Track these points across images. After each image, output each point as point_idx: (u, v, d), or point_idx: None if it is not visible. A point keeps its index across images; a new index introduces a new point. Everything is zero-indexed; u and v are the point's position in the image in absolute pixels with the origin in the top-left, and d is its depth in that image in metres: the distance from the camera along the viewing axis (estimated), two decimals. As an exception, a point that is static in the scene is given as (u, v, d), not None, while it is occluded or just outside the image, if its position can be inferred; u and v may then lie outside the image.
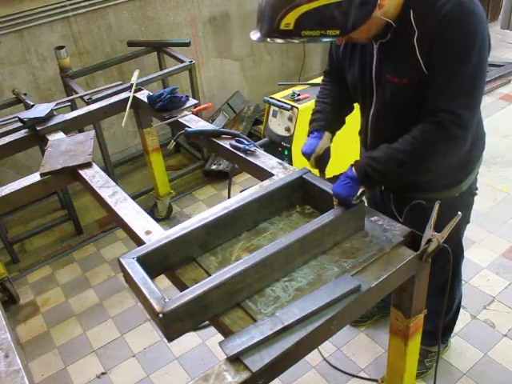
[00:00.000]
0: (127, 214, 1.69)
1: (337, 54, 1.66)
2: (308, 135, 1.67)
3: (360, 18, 1.27)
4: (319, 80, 3.30)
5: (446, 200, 1.47)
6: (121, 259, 1.31)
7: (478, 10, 1.30)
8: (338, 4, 1.23)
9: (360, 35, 1.36)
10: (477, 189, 1.74)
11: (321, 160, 1.62)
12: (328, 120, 1.66)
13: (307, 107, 2.95)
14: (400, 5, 1.35)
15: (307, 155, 1.62)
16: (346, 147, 2.21)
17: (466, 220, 1.77)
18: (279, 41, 1.30)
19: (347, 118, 1.75)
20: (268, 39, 1.31)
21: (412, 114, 1.42)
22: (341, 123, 1.72)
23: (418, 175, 1.48)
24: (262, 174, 1.78)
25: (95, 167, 1.98)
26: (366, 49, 1.49)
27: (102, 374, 2.31)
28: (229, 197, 1.94)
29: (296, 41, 1.29)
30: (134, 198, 1.90)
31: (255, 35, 1.35)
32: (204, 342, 2.37)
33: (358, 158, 1.54)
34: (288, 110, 2.96)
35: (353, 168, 1.43)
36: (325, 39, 1.28)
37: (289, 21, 1.25)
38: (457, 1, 1.27)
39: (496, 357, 2.14)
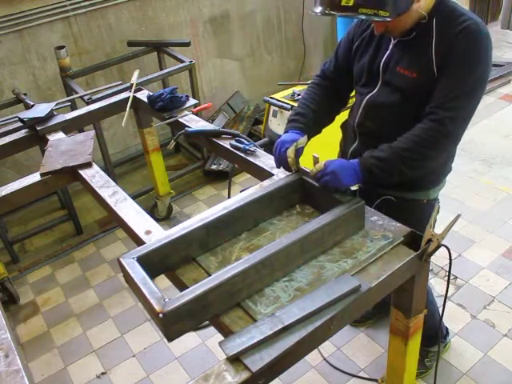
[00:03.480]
0: (127, 214, 1.69)
1: (345, 50, 1.73)
2: (286, 131, 1.69)
3: (406, 3, 1.40)
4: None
5: (416, 203, 1.63)
6: (121, 259, 1.31)
7: (489, 35, 1.46)
8: None
9: (398, 26, 1.47)
10: (439, 202, 1.77)
11: (296, 154, 1.62)
12: (309, 126, 1.70)
13: (307, 107, 2.95)
14: (429, 10, 1.47)
15: (287, 142, 1.61)
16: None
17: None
18: (337, 14, 1.42)
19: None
20: (326, 12, 1.43)
21: (407, 104, 1.54)
22: (317, 133, 1.76)
23: (418, 172, 1.54)
24: (262, 174, 1.78)
25: (95, 167, 1.98)
26: (382, 43, 1.60)
27: (102, 373, 2.31)
28: (229, 197, 1.94)
29: (350, 14, 1.40)
30: (134, 197, 1.90)
31: (317, 9, 1.46)
32: (204, 342, 2.37)
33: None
34: (288, 110, 2.96)
35: (359, 162, 1.49)
36: (376, 19, 1.40)
37: None
38: (475, 21, 1.43)
39: (496, 357, 2.14)
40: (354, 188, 1.48)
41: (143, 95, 2.51)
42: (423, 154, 1.46)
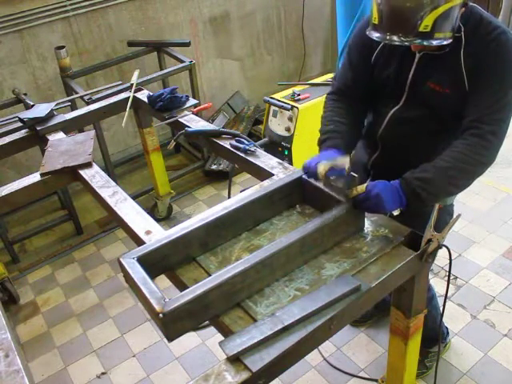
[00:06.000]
0: (127, 214, 1.69)
1: (363, 59, 1.62)
2: (323, 149, 1.55)
3: (458, 20, 1.35)
4: (319, 80, 3.33)
5: (431, 209, 1.50)
6: (121, 259, 1.31)
7: None
8: (457, 6, 1.31)
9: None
10: (453, 211, 1.75)
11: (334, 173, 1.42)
12: (345, 141, 1.56)
13: (307, 107, 2.95)
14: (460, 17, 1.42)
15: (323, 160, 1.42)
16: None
17: None
18: (409, 40, 1.33)
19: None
20: (402, 39, 1.33)
21: (434, 119, 1.51)
22: (352, 149, 1.65)
23: (464, 189, 1.47)
24: (262, 174, 1.78)
25: (95, 167, 1.98)
26: (405, 55, 1.53)
27: (102, 373, 2.31)
28: (229, 197, 1.94)
29: (425, 43, 1.32)
30: (134, 198, 1.90)
31: (376, 34, 1.37)
32: (204, 342, 2.37)
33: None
34: (288, 109, 2.96)
35: (401, 185, 1.39)
36: (444, 42, 1.34)
37: (428, 23, 1.29)
38: (504, 30, 1.39)
39: (496, 357, 2.15)
40: (396, 213, 1.40)
41: (143, 95, 2.51)
42: (469, 170, 1.41)
